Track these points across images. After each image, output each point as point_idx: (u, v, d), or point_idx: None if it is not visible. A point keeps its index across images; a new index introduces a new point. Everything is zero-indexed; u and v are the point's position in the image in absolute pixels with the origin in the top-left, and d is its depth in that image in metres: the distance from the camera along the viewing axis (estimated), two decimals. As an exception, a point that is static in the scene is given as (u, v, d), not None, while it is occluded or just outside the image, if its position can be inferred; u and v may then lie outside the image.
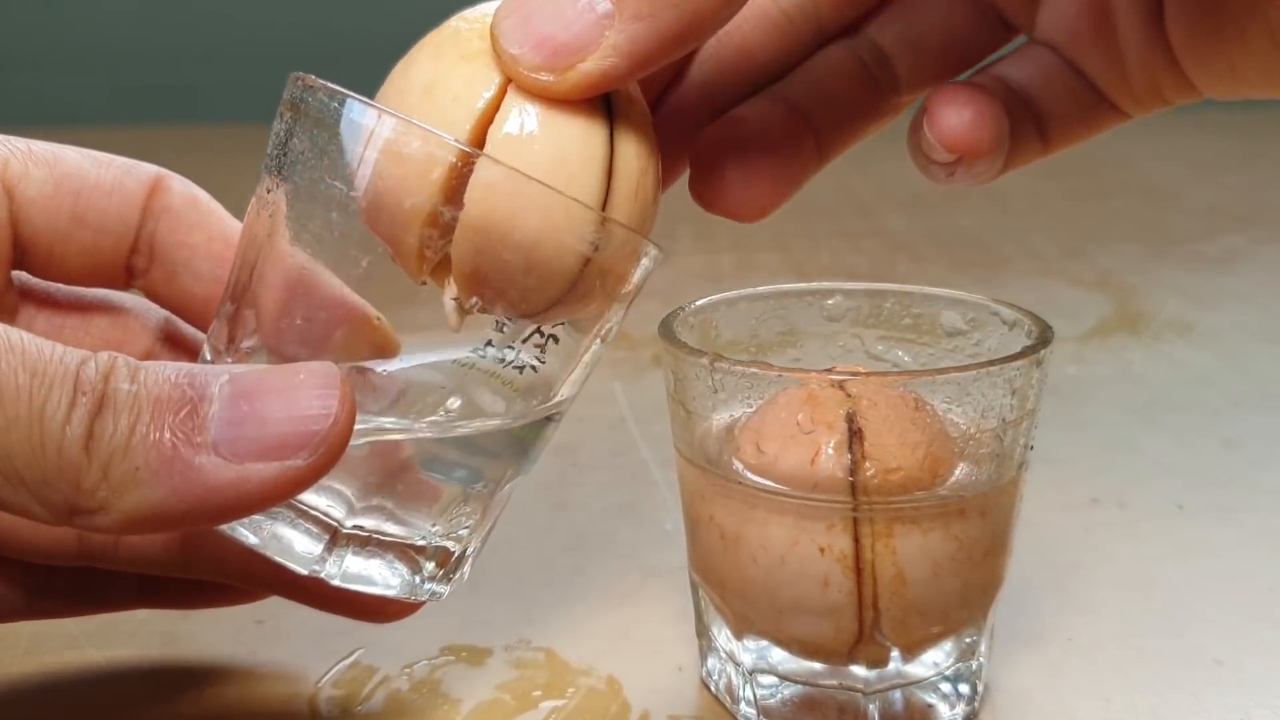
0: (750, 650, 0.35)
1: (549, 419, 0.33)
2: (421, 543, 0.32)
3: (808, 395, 0.33)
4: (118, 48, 1.62)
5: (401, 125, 0.27)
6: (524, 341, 0.31)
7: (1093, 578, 0.43)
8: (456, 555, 0.33)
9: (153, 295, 0.35)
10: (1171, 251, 0.89)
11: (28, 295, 0.34)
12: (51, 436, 0.23)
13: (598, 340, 0.32)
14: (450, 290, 0.29)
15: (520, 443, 0.33)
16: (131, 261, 0.35)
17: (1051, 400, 0.36)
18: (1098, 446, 0.55)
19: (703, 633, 0.37)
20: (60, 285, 0.35)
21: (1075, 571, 0.44)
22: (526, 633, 0.40)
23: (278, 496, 0.24)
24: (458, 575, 0.33)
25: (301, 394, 0.24)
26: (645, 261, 0.31)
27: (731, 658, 0.35)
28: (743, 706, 0.35)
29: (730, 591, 0.34)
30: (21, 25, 1.62)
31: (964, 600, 0.33)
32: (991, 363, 0.32)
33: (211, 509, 0.24)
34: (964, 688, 0.35)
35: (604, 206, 0.28)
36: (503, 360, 0.31)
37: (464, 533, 0.33)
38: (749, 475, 0.33)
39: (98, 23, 1.62)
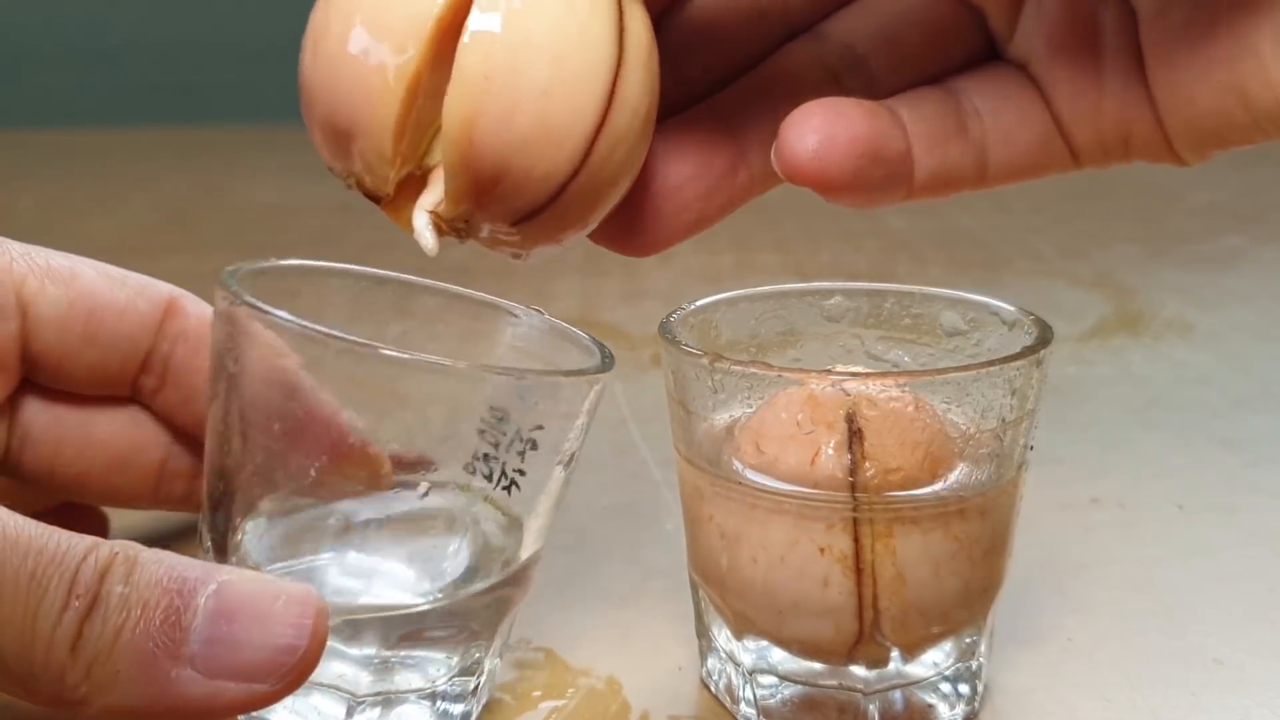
0: (750, 650, 0.35)
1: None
2: (444, 687, 0.33)
3: (807, 395, 0.32)
4: (118, 47, 1.62)
5: None
6: (509, 449, 0.31)
7: (1093, 578, 0.43)
8: (476, 686, 0.34)
9: (166, 415, 0.37)
10: (1171, 251, 0.89)
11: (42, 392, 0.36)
12: (41, 637, 0.25)
13: (560, 466, 0.33)
14: (428, 198, 0.25)
15: (522, 574, 0.34)
16: (140, 381, 0.36)
17: (1051, 400, 0.36)
18: (1097, 446, 0.55)
19: (703, 633, 0.37)
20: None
21: (1075, 571, 0.44)
22: (526, 633, 0.40)
23: (245, 711, 0.26)
24: (477, 697, 0.35)
25: (277, 625, 0.26)
26: (594, 390, 0.31)
27: (731, 658, 0.35)
28: (743, 707, 0.35)
29: (730, 591, 0.34)
30: (22, 25, 1.61)
31: (964, 600, 0.33)
32: (991, 363, 0.32)
33: (182, 715, 0.25)
34: (964, 688, 0.35)
35: (617, 70, 0.25)
36: (490, 476, 0.31)
37: (480, 656, 0.34)
38: (749, 475, 0.33)
39: (98, 22, 1.62)
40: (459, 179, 0.24)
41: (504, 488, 0.32)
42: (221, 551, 0.33)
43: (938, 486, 0.32)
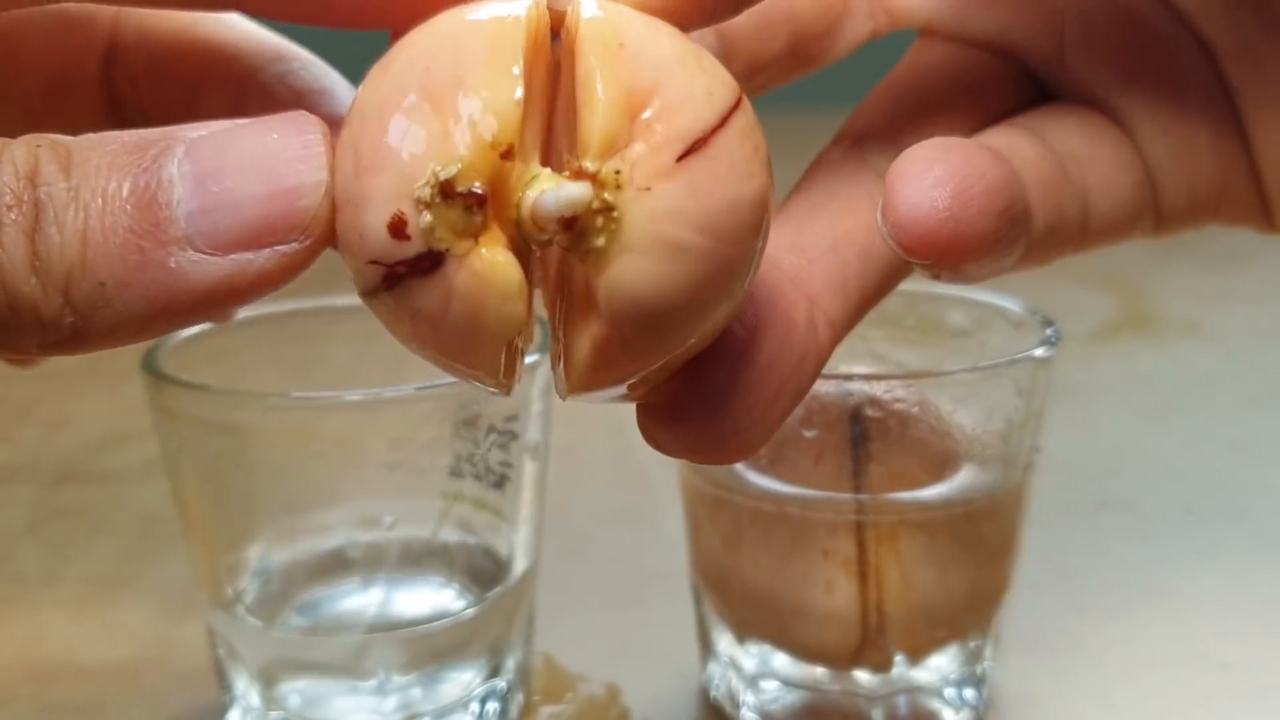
0: (752, 656, 0.34)
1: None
2: (476, 701, 0.34)
3: (811, 396, 0.32)
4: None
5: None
6: (488, 443, 0.31)
7: (1100, 582, 0.43)
8: (508, 685, 0.35)
9: None
10: (1179, 250, 0.88)
11: None
12: None
13: (527, 457, 0.33)
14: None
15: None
16: None
17: (1058, 401, 0.36)
18: (1105, 449, 0.55)
19: (704, 638, 0.37)
20: None
21: (1083, 575, 0.43)
22: (525, 637, 0.39)
23: (283, 280, 0.20)
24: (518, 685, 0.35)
25: (280, 164, 0.20)
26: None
27: (733, 663, 0.35)
28: (744, 713, 0.35)
29: (732, 596, 0.34)
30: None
31: (970, 605, 0.33)
32: (997, 364, 0.32)
33: (205, 309, 0.20)
34: (970, 693, 0.35)
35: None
36: (477, 473, 0.32)
37: (510, 663, 0.35)
38: (750, 478, 0.33)
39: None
40: (609, 95, 0.18)
41: (494, 484, 0.32)
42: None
43: (943, 489, 0.32)
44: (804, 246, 0.23)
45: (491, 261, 0.17)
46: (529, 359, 0.32)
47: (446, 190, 0.17)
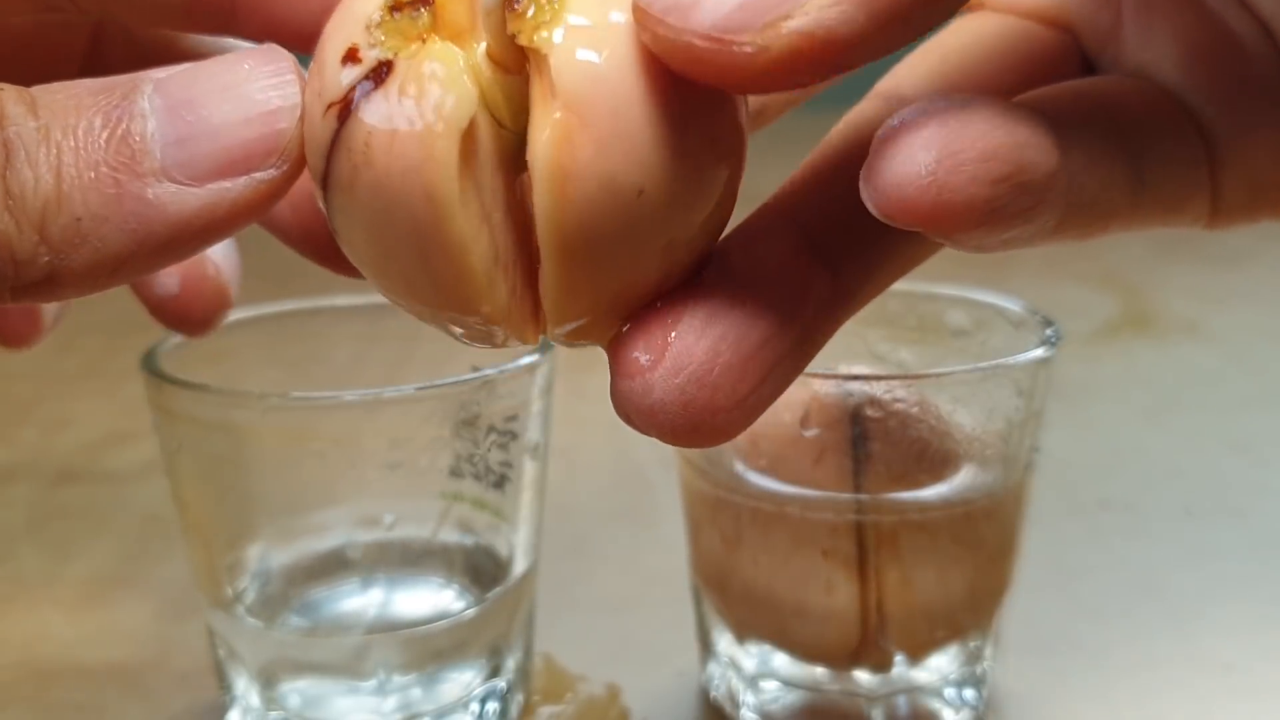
0: (752, 656, 0.34)
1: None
2: (476, 701, 0.34)
3: (810, 396, 0.32)
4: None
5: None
6: (487, 442, 0.31)
7: (1101, 582, 0.43)
8: (508, 685, 0.35)
9: None
10: (1180, 250, 0.88)
11: None
12: None
13: (527, 457, 0.33)
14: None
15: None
16: None
17: (1058, 401, 0.36)
18: (1105, 448, 0.55)
19: (704, 638, 0.36)
20: None
21: (1083, 575, 0.43)
22: (525, 637, 0.39)
23: (263, 209, 0.20)
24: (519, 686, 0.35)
25: (253, 88, 0.19)
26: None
27: (733, 663, 0.35)
28: (744, 713, 0.35)
29: (732, 596, 0.34)
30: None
31: (970, 604, 0.33)
32: (997, 364, 0.32)
33: (183, 242, 0.19)
34: (970, 694, 0.35)
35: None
36: (477, 473, 0.31)
37: (510, 664, 0.34)
38: (750, 478, 0.33)
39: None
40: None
41: (494, 484, 0.32)
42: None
43: (943, 489, 0.32)
44: (818, 199, 0.21)
45: (440, 47, 0.17)
46: (528, 359, 0.32)
47: (396, 6, 0.18)
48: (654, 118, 0.17)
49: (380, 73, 0.17)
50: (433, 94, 0.17)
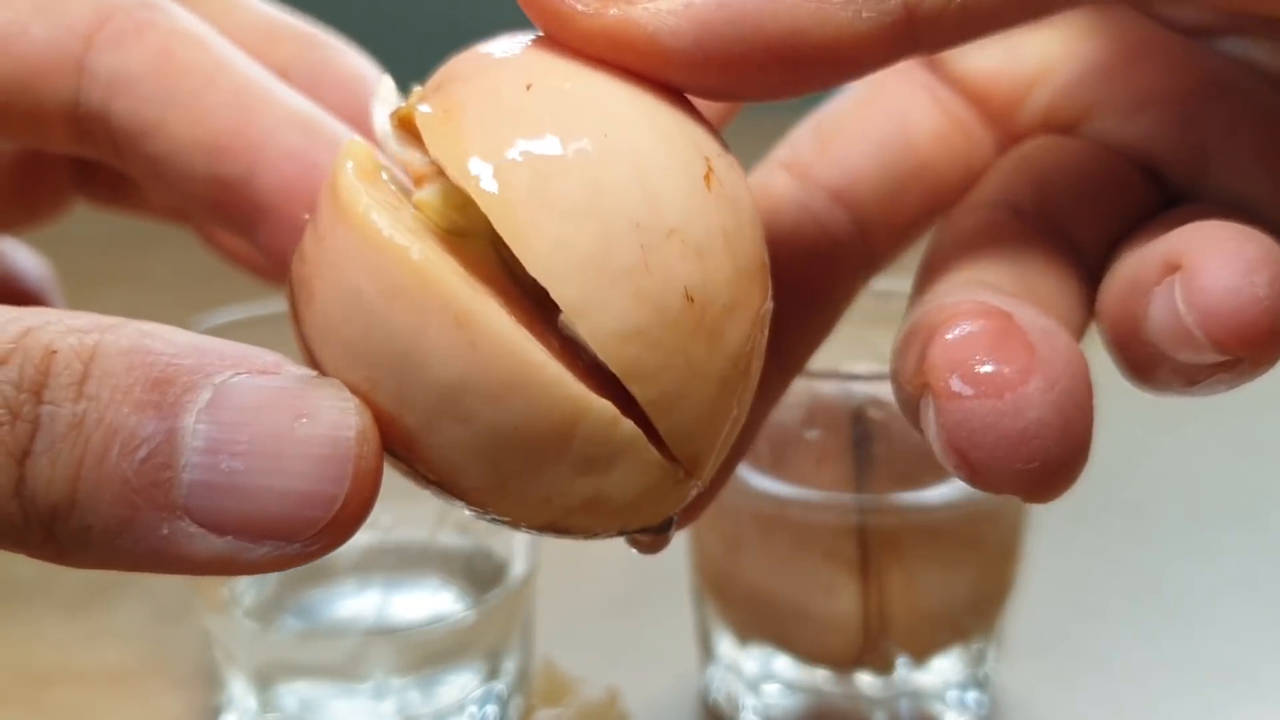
0: (754, 659, 0.34)
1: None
2: (475, 704, 0.34)
3: (812, 397, 0.32)
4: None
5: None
6: None
7: (1106, 584, 0.43)
8: (507, 688, 0.35)
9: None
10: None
11: None
12: None
13: None
14: None
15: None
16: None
17: (1063, 402, 0.35)
18: (1109, 451, 0.54)
19: (704, 641, 0.36)
20: None
21: (1088, 578, 0.43)
22: (524, 640, 0.39)
23: (273, 570, 0.18)
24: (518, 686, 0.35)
25: (300, 461, 0.18)
26: None
27: (734, 667, 0.35)
28: (745, 716, 0.34)
29: (733, 599, 0.34)
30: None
31: (973, 607, 0.33)
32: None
33: (195, 574, 0.18)
34: (973, 696, 0.34)
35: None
36: None
37: (509, 666, 0.34)
38: (751, 479, 0.32)
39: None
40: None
41: None
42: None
43: (946, 491, 0.32)
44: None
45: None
46: None
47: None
48: None
49: None
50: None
